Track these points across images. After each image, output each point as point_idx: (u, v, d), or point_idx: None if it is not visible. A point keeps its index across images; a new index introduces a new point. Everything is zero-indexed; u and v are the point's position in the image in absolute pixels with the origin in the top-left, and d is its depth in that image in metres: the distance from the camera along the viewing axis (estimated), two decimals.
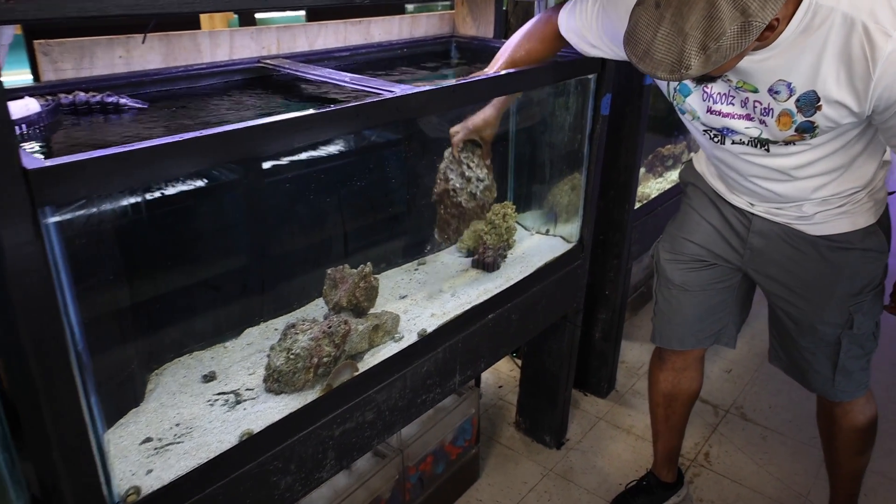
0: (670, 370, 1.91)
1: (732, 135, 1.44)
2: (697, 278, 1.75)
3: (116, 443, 1.24)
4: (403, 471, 1.88)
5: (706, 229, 1.70)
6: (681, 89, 1.47)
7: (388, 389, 1.48)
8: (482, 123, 1.67)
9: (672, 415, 1.97)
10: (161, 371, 1.46)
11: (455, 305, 1.66)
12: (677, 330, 1.83)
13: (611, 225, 2.33)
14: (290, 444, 1.30)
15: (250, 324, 1.61)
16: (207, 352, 1.52)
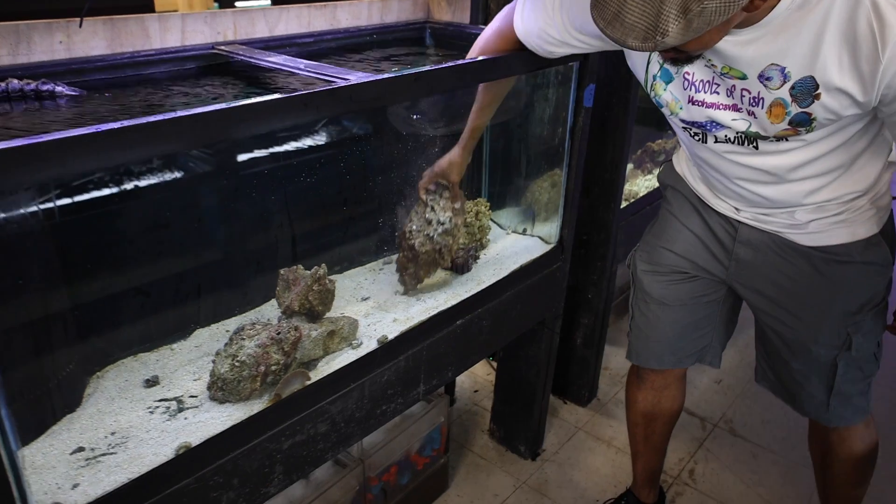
0: (649, 389, 1.87)
1: (717, 130, 1.34)
2: (677, 292, 1.67)
3: (46, 452, 1.21)
4: (364, 481, 1.86)
5: (687, 238, 1.64)
6: (662, 75, 1.37)
7: (343, 400, 1.45)
8: (447, 165, 1.69)
9: (652, 435, 1.94)
10: (103, 374, 1.43)
11: (420, 310, 1.64)
12: (655, 348, 1.77)
13: (595, 225, 2.30)
14: (232, 457, 1.27)
15: (201, 324, 1.58)
16: (153, 354, 1.49)
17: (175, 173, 1.53)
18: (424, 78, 1.26)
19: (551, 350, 2.18)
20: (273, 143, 1.71)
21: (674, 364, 1.79)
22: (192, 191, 1.59)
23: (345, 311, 1.62)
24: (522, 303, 1.91)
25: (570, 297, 2.37)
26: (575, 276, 2.38)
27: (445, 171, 1.70)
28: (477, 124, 1.71)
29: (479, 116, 1.70)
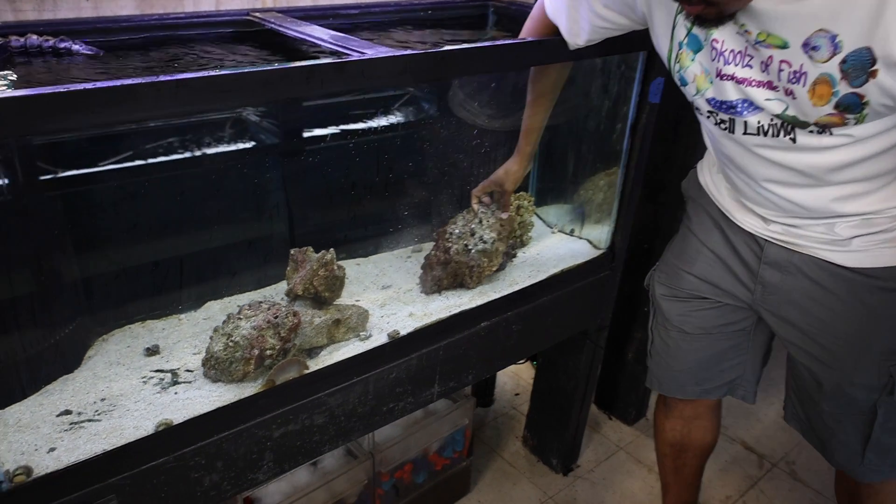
0: (678, 419, 1.76)
1: (748, 113, 1.18)
2: (699, 320, 1.55)
3: (34, 410, 1.24)
4: (374, 476, 1.84)
5: (707, 259, 1.50)
6: (689, 42, 1.21)
7: (344, 393, 1.43)
8: (503, 174, 1.67)
9: (682, 467, 1.84)
10: (108, 337, 1.46)
11: (441, 307, 1.59)
12: (678, 377, 1.66)
13: (658, 233, 2.18)
14: (216, 440, 1.27)
15: (214, 296, 1.59)
16: (161, 322, 1.51)
17: (211, 144, 1.54)
18: (449, 59, 1.20)
19: (593, 363, 2.09)
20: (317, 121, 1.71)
21: (698, 394, 1.68)
22: (226, 163, 1.60)
23: (362, 298, 1.60)
24: (561, 310, 1.83)
25: (625, 309, 2.27)
26: (631, 287, 2.26)
27: (501, 180, 1.67)
28: (530, 126, 1.62)
29: (532, 117, 1.61)
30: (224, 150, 1.59)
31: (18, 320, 1.28)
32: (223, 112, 1.65)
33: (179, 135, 1.50)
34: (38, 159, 1.29)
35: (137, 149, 1.45)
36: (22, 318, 1.29)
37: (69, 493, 1.13)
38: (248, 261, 1.63)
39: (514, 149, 1.67)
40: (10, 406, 1.24)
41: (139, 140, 1.46)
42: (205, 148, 1.55)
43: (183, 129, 1.52)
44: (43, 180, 1.30)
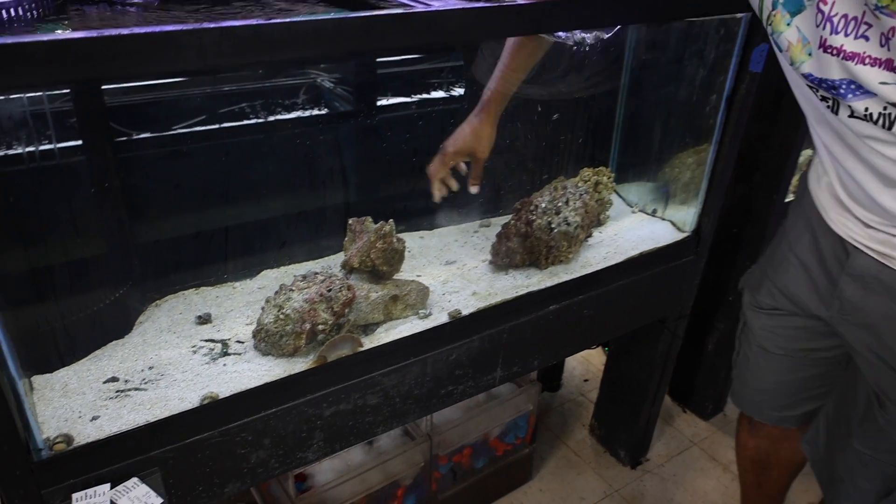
0: (763, 438, 1.59)
1: (855, 97, 0.96)
2: (782, 339, 1.37)
3: (82, 376, 1.21)
4: (431, 459, 1.77)
5: (793, 267, 1.31)
6: (786, 3, 1.00)
7: (400, 373, 1.35)
8: (473, 139, 1.40)
9: (766, 483, 1.68)
10: (161, 303, 1.42)
11: (507, 287, 1.48)
12: (754, 396, 1.50)
13: (750, 217, 2.01)
14: (263, 416, 1.21)
15: (270, 265, 1.52)
16: (215, 289, 1.46)
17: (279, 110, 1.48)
18: (527, 13, 1.08)
19: (669, 353, 1.95)
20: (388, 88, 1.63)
21: (775, 421, 1.51)
22: (292, 129, 1.53)
23: (423, 273, 1.51)
24: (637, 296, 1.70)
25: (707, 297, 2.11)
26: (716, 274, 2.10)
27: (472, 147, 1.42)
28: (507, 86, 1.40)
29: (511, 75, 1.39)
30: (291, 118, 1.52)
31: (72, 282, 1.25)
32: (296, 78, 1.59)
33: (245, 100, 1.44)
34: (100, 121, 1.24)
35: (200, 113, 1.40)
36: (75, 279, 1.25)
37: (109, 465, 1.09)
38: (308, 229, 1.56)
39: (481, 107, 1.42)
40: (59, 370, 1.21)
41: (202, 104, 1.41)
42: (271, 114, 1.49)
43: (250, 95, 1.46)
44: (105, 142, 1.26)
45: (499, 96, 1.40)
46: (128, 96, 1.38)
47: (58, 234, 1.20)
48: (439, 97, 1.72)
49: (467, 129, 1.41)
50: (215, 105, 1.43)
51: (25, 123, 1.08)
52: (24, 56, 0.78)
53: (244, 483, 1.25)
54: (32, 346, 1.17)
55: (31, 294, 1.19)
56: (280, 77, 1.56)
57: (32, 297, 1.19)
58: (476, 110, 1.41)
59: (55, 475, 1.04)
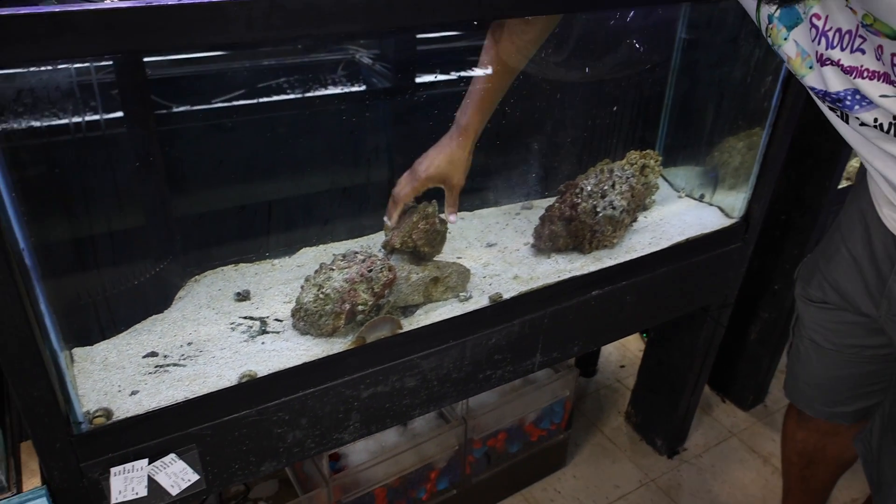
0: (812, 431, 1.54)
1: (859, 108, 0.92)
2: (833, 334, 1.33)
3: (121, 350, 1.20)
4: (466, 442, 1.75)
5: (844, 260, 1.26)
6: (781, 16, 0.95)
7: (438, 356, 1.33)
8: (446, 164, 1.29)
9: (811, 478, 1.63)
10: (200, 278, 1.41)
11: (549, 271, 1.45)
12: (805, 390, 1.45)
13: (800, 203, 1.94)
14: (301, 396, 1.20)
15: (309, 242, 1.51)
16: (254, 266, 1.45)
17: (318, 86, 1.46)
18: None
19: (712, 342, 1.90)
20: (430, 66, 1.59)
21: (826, 416, 1.46)
22: (331, 105, 1.51)
23: (464, 255, 1.48)
24: (681, 283, 1.65)
25: (752, 285, 2.05)
26: (762, 261, 2.05)
27: (445, 174, 1.30)
28: (487, 108, 1.30)
29: (499, 78, 1.28)
30: (331, 93, 1.49)
31: (113, 255, 1.24)
32: (335, 53, 1.56)
33: (286, 74, 1.41)
34: (142, 93, 1.23)
35: (243, 88, 1.38)
36: (117, 253, 1.25)
37: (148, 440, 1.08)
38: (347, 208, 1.54)
39: (457, 124, 1.31)
40: (99, 343, 1.21)
41: (245, 79, 1.38)
42: (312, 90, 1.46)
43: (289, 70, 1.43)
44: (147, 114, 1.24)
45: (477, 120, 1.29)
46: (169, 69, 1.37)
47: (100, 207, 1.19)
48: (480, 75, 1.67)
49: (442, 156, 1.30)
50: (255, 79, 1.41)
51: (70, 94, 1.07)
52: (71, 25, 0.76)
53: (280, 462, 1.24)
54: (74, 318, 1.17)
55: (73, 266, 1.19)
56: (319, 52, 1.54)
57: (74, 270, 1.19)
58: (452, 133, 1.30)
59: (94, 449, 1.04)
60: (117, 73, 1.15)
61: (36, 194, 1.05)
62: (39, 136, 1.04)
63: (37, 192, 1.06)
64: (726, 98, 1.71)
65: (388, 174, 1.59)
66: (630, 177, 1.50)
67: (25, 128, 1.01)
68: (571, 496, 1.99)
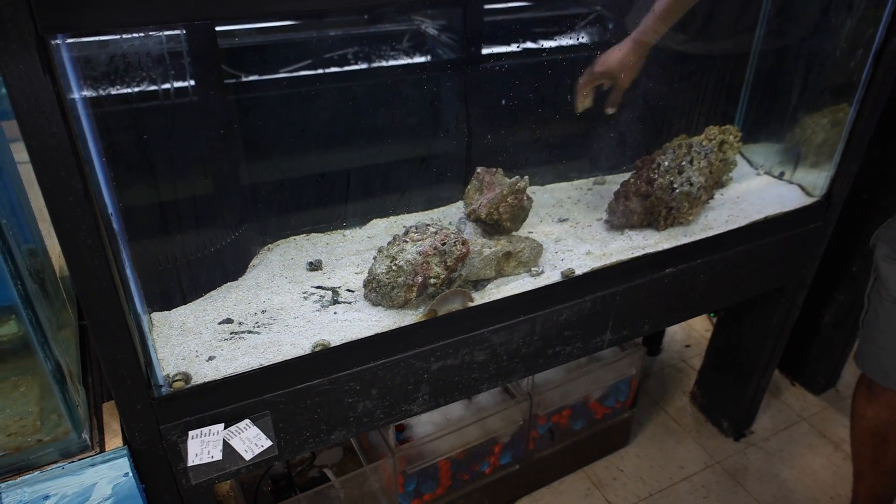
0: (883, 406, 1.49)
1: None
2: None
3: (198, 316, 1.21)
4: (530, 418, 1.72)
5: None
6: None
7: (508, 331, 1.30)
8: (617, 64, 1.36)
9: (883, 458, 1.56)
10: (273, 247, 1.41)
11: (622, 247, 1.39)
12: (881, 357, 1.41)
13: (884, 182, 1.84)
14: (372, 367, 1.19)
15: (380, 214, 1.49)
16: (325, 236, 1.44)
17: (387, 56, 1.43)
18: None
19: (785, 324, 1.82)
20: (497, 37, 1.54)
21: None
22: (402, 76, 1.47)
23: (536, 230, 1.44)
24: (757, 262, 1.58)
25: (828, 266, 1.96)
26: (840, 242, 1.95)
27: (614, 73, 1.39)
28: (669, 13, 1.34)
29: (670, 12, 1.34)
30: (401, 63, 1.46)
31: (192, 222, 1.24)
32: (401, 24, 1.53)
33: (357, 45, 1.39)
34: (218, 62, 1.21)
35: (314, 57, 1.35)
36: (193, 220, 1.24)
37: (224, 405, 1.09)
38: (418, 179, 1.51)
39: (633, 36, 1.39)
40: (177, 308, 1.21)
41: (317, 48, 1.36)
42: (382, 60, 1.43)
43: (360, 39, 1.41)
44: (223, 83, 1.23)
45: (651, 31, 1.36)
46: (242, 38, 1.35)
47: (180, 174, 1.19)
48: (553, 46, 1.61)
49: (615, 55, 1.38)
50: (324, 49, 1.38)
51: (158, 61, 1.06)
52: None
53: (350, 431, 1.24)
54: (155, 283, 1.18)
55: (154, 232, 1.19)
56: (385, 23, 1.51)
57: (155, 235, 1.19)
58: (629, 38, 1.38)
59: (173, 412, 1.04)
60: (197, 41, 1.14)
61: (123, 160, 1.05)
62: (127, 103, 1.03)
63: (124, 159, 1.06)
64: (812, 72, 1.61)
65: (456, 145, 1.56)
66: (709, 153, 1.43)
67: (114, 94, 1.00)
68: (634, 475, 1.95)
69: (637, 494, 1.89)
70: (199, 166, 1.24)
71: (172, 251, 1.20)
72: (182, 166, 1.20)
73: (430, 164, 1.53)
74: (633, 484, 1.92)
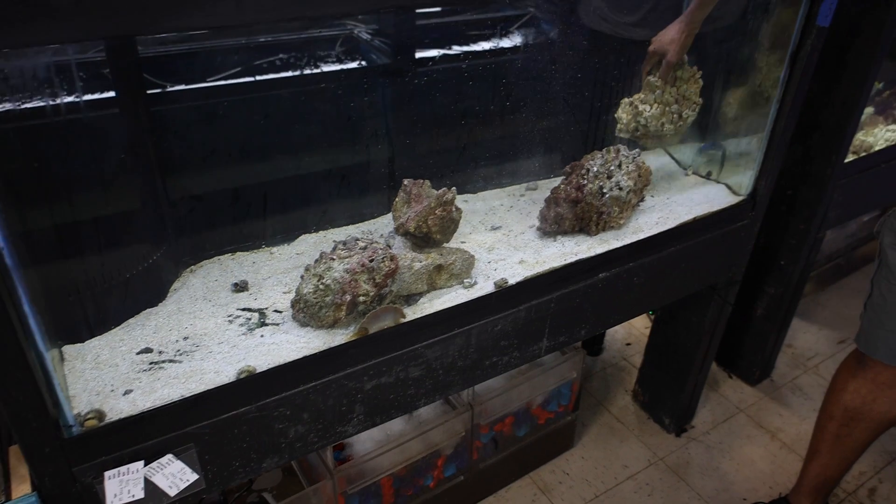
0: (869, 381, 1.52)
1: None
2: None
3: (114, 346, 1.13)
4: (472, 428, 1.68)
5: None
6: None
7: (443, 345, 1.25)
8: (667, 41, 1.49)
9: (846, 437, 1.58)
10: (196, 269, 1.33)
11: (556, 254, 1.36)
12: (888, 339, 1.45)
13: (806, 178, 1.86)
14: (303, 390, 1.13)
15: (307, 229, 1.42)
16: (251, 255, 1.37)
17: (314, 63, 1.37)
18: None
19: (719, 320, 1.83)
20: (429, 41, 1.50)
21: None
22: (328, 84, 1.41)
23: (468, 240, 1.40)
24: (689, 262, 1.57)
25: (758, 261, 1.98)
26: (768, 237, 1.96)
27: (664, 48, 1.49)
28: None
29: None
30: (328, 71, 1.40)
31: (104, 245, 1.16)
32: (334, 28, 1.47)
33: (289, 51, 1.32)
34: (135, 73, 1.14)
35: (235, 66, 1.28)
36: (107, 242, 1.16)
37: (144, 441, 1.01)
38: (347, 191, 1.45)
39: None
40: (91, 340, 1.13)
41: (236, 57, 1.29)
42: (307, 67, 1.37)
43: (292, 46, 1.34)
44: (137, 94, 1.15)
45: (698, 12, 1.44)
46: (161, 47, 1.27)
47: (87, 195, 1.10)
48: (484, 49, 1.58)
49: (665, 36, 1.50)
50: (251, 57, 1.32)
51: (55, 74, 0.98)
52: (49, 10, 0.67)
53: (282, 458, 1.17)
54: (64, 314, 1.09)
55: (62, 259, 1.11)
56: (316, 28, 1.44)
57: (63, 263, 1.11)
58: (679, 19, 1.48)
59: (87, 452, 0.97)
60: (106, 52, 1.06)
61: (16, 184, 0.97)
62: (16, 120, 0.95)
63: (16, 182, 0.98)
64: (733, 73, 1.61)
65: (384, 155, 1.50)
66: (636, 156, 1.41)
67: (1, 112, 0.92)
68: (580, 477, 1.93)
69: (583, 497, 1.87)
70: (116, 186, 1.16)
71: (84, 279, 1.11)
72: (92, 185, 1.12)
73: (359, 174, 1.48)
74: (579, 486, 1.90)
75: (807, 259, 1.97)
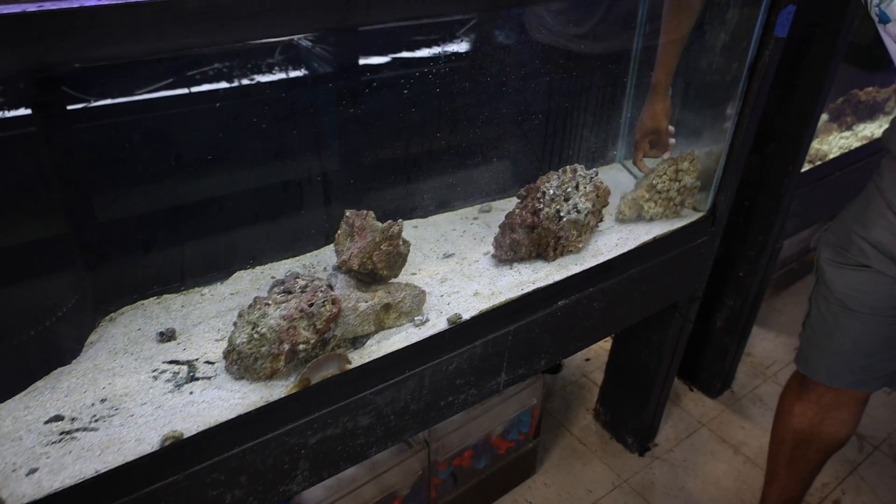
0: (813, 404, 1.46)
1: None
2: (868, 296, 1.29)
3: (18, 416, 0.98)
4: (430, 465, 1.57)
5: (889, 225, 1.24)
6: None
7: (394, 390, 1.14)
8: (650, 120, 1.48)
9: (799, 459, 1.52)
10: (116, 316, 1.19)
11: (512, 284, 1.27)
12: (829, 361, 1.38)
13: (763, 188, 1.80)
14: (238, 452, 1.00)
15: (242, 265, 1.29)
16: (180, 297, 1.23)
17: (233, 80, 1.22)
18: None
19: (680, 338, 1.76)
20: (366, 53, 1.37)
21: (851, 384, 1.38)
22: (253, 103, 1.27)
23: (419, 270, 1.29)
24: (650, 283, 1.49)
25: (716, 273, 1.91)
26: (726, 248, 1.91)
27: (651, 127, 1.49)
28: (668, 53, 1.43)
29: (670, 42, 1.40)
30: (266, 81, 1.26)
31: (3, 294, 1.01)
32: None
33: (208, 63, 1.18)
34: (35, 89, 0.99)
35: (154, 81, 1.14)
36: (8, 291, 1.02)
37: None
38: (286, 221, 1.33)
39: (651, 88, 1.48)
40: None
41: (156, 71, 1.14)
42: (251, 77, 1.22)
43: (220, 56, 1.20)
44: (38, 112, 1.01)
45: (664, 75, 1.45)
46: None
47: None
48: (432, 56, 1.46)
49: (645, 115, 1.49)
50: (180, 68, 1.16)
51: None
52: None
53: None
54: None
55: None
56: None
57: None
58: (650, 92, 1.48)
59: None
60: None
61: None
62: None
63: None
64: (691, 86, 1.54)
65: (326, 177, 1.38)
66: (594, 175, 1.33)
67: None
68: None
69: None
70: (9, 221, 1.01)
71: None
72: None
73: (298, 202, 1.35)
74: None
75: (765, 270, 1.92)
